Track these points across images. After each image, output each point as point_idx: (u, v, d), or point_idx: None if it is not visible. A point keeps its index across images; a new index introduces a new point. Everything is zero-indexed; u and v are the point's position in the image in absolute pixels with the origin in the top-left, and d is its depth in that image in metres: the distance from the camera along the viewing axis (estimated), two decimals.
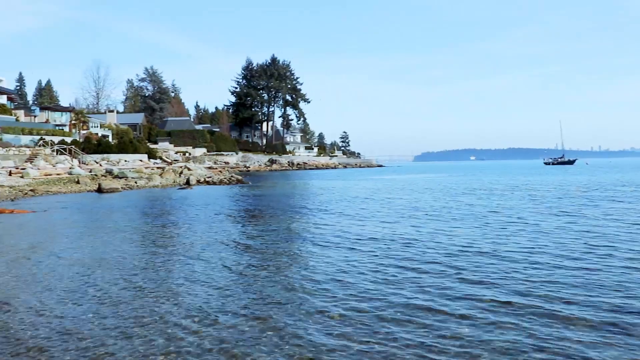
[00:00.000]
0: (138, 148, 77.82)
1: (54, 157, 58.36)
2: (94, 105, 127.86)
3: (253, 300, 9.34)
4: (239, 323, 7.99)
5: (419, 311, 8.45)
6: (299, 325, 7.86)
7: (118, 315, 8.47)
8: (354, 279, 10.68)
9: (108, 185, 39.49)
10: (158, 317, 8.33)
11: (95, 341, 7.26)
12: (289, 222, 20.84)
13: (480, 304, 8.79)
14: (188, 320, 8.17)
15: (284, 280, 10.77)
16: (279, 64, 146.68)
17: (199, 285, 10.39)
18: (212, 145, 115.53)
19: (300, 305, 8.93)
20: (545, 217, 21.15)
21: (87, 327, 7.87)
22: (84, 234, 17.88)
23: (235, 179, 52.66)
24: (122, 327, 7.88)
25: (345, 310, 8.57)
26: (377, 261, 12.49)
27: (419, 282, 10.34)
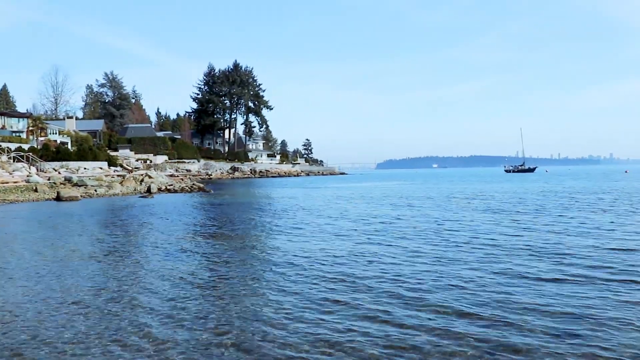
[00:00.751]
0: (98, 155, 76.80)
1: (10, 165, 57.19)
2: (52, 112, 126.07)
3: (208, 311, 9.19)
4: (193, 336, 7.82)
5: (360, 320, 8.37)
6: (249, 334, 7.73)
7: (65, 329, 8.24)
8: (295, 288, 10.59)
9: (67, 194, 38.84)
10: (107, 330, 8.13)
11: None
12: (247, 232, 20.83)
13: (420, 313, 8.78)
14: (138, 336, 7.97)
15: (238, 289, 10.64)
16: (241, 70, 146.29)
17: (153, 297, 10.20)
18: (174, 152, 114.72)
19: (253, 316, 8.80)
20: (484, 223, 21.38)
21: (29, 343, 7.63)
22: (40, 244, 17.48)
23: (197, 187, 52.32)
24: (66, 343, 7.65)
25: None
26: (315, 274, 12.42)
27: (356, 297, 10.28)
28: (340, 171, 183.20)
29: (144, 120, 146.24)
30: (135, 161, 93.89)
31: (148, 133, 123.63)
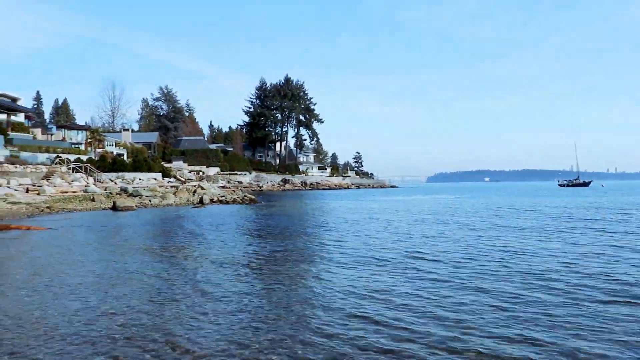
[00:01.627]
0: (152, 167, 78.45)
1: (70, 175, 58.98)
2: (109, 124, 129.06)
3: (261, 320, 9.62)
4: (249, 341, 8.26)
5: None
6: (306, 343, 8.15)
7: (123, 333, 8.78)
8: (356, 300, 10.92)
9: (123, 204, 39.92)
10: (169, 335, 8.64)
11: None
12: (298, 242, 21.08)
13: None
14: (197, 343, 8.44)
15: (290, 300, 11.05)
16: (292, 84, 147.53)
17: (206, 304, 10.68)
18: (226, 164, 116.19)
19: (306, 326, 9.21)
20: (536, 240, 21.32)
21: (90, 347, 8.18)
22: (97, 251, 18.19)
23: (248, 199, 52.99)
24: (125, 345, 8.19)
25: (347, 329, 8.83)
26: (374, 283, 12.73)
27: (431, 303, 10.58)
28: (390, 184, 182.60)
29: (197, 133, 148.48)
30: (188, 173, 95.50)
31: (201, 145, 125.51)
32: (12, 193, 42.24)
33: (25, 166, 57.55)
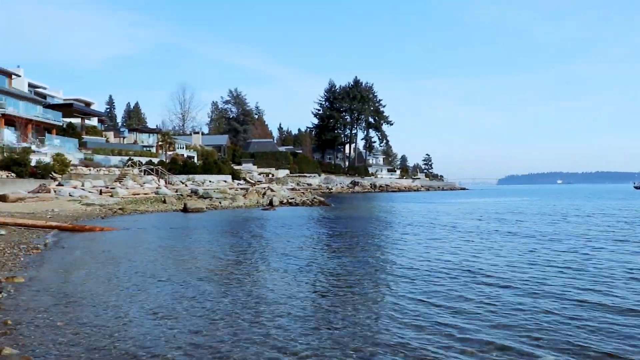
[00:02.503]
0: (222, 169, 79.19)
1: (141, 177, 59.91)
2: (179, 127, 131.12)
3: (331, 325, 9.03)
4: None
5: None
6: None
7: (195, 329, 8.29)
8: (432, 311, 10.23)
9: (193, 205, 40.02)
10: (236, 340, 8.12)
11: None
12: (369, 246, 20.55)
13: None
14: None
15: (360, 306, 10.43)
16: (361, 86, 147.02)
17: (277, 306, 10.15)
18: (295, 166, 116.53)
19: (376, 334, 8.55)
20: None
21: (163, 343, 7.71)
22: (170, 252, 18.00)
23: (317, 201, 52.60)
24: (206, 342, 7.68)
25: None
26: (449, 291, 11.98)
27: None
28: (460, 186, 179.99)
29: (266, 136, 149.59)
30: (258, 175, 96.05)
31: (270, 148, 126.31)
32: (87, 195, 42.94)
33: (99, 169, 58.71)
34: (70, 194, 42.27)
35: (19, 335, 8.18)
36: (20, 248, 17.62)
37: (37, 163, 48.82)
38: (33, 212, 30.47)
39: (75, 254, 17.32)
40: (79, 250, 18.18)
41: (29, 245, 18.53)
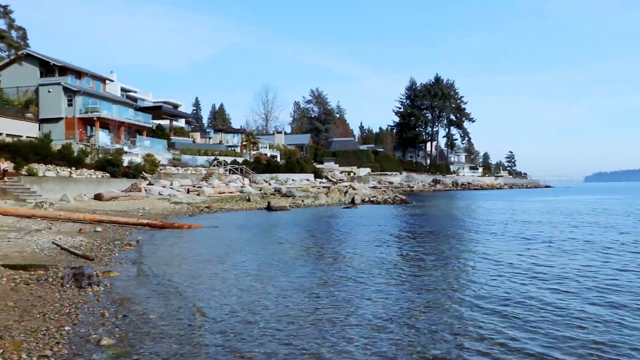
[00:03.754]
0: (305, 168, 79.88)
1: (226, 176, 61.22)
2: (263, 127, 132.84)
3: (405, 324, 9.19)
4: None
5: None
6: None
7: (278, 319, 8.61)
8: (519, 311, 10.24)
9: (277, 204, 40.65)
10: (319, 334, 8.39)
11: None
12: (451, 246, 20.42)
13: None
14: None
15: (445, 305, 10.55)
16: (442, 83, 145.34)
17: (363, 300, 10.38)
18: (376, 165, 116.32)
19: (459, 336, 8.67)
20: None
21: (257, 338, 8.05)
22: (255, 247, 18.48)
23: (399, 199, 52.42)
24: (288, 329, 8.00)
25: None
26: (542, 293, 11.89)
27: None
28: (545, 184, 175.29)
29: (347, 134, 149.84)
30: (340, 173, 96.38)
31: (352, 146, 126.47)
32: (175, 194, 44.28)
33: (186, 168, 60.36)
34: (160, 193, 43.69)
35: (115, 327, 8.62)
36: (115, 244, 18.47)
37: (129, 163, 50.63)
38: (125, 210, 31.72)
39: (166, 250, 18.00)
40: (169, 247, 18.86)
41: (123, 241, 19.38)
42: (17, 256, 14.30)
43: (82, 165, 45.94)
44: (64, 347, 7.45)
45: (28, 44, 37.00)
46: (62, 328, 8.30)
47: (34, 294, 10.35)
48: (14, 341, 7.44)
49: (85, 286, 11.19)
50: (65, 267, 13.02)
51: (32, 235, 18.34)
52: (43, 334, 7.93)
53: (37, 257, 14.60)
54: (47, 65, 56.55)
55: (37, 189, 35.64)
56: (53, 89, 54.75)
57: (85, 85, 58.94)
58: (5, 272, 11.89)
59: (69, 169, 44.12)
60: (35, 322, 8.51)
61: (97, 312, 9.48)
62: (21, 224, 21.69)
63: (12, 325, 8.21)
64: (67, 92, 54.95)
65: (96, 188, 40.75)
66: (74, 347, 7.53)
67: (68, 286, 11.13)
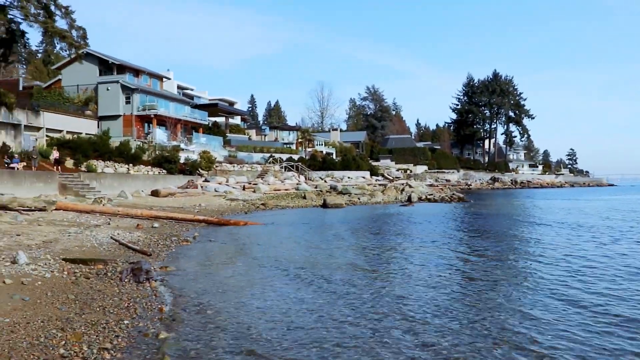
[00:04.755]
0: (361, 165, 79.71)
1: (282, 174, 61.49)
2: (318, 124, 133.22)
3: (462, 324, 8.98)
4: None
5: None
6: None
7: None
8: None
9: (332, 201, 40.58)
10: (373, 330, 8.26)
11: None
12: (511, 246, 19.96)
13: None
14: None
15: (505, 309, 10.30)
16: (501, 80, 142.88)
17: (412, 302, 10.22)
18: (433, 162, 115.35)
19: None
20: None
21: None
22: (314, 246, 18.45)
23: (456, 197, 51.77)
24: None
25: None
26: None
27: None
28: (608, 182, 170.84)
29: (404, 131, 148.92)
30: (396, 171, 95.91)
31: (408, 144, 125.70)
32: (231, 190, 44.66)
33: (242, 165, 60.90)
34: (216, 190, 44.16)
35: (172, 321, 8.74)
36: (172, 240, 18.69)
37: (186, 160, 51.36)
38: (182, 207, 32.12)
39: (222, 247, 18.12)
40: (225, 243, 18.99)
41: (180, 237, 19.60)
42: (78, 250, 14.56)
43: (139, 161, 46.83)
44: (123, 340, 7.55)
45: (88, 43, 37.68)
46: (121, 322, 8.43)
47: (94, 287, 10.52)
48: (75, 333, 7.56)
49: (143, 281, 11.32)
50: (123, 262, 13.23)
51: (91, 230, 18.68)
52: (103, 327, 8.06)
53: (97, 251, 14.85)
54: (106, 64, 57.74)
55: (96, 185, 36.44)
56: (111, 87, 55.86)
57: (143, 83, 60.00)
58: (66, 266, 12.12)
59: (126, 165, 45.02)
60: (96, 315, 8.65)
61: (155, 306, 9.59)
62: (81, 219, 22.15)
63: (74, 317, 8.35)
64: (125, 90, 56.00)
65: (153, 184, 41.45)
66: (133, 341, 7.63)
67: (126, 281, 11.28)
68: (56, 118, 46.55)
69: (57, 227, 18.93)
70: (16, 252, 12.26)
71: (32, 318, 8.08)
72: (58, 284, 10.43)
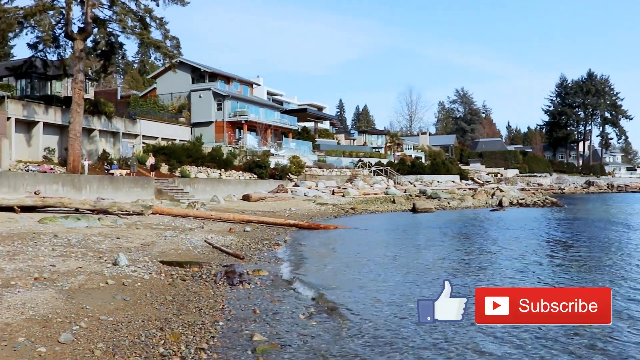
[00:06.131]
0: (450, 169, 78.90)
1: (371, 178, 61.61)
2: (407, 128, 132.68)
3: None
4: None
5: None
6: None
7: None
8: None
9: (422, 206, 40.25)
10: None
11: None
12: (607, 255, 18.96)
13: None
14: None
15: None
16: (596, 79, 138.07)
17: None
18: (524, 166, 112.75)
19: None
20: None
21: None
22: (405, 251, 18.37)
23: (549, 201, 50.33)
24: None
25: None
26: None
27: None
28: None
29: (494, 135, 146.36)
30: (486, 175, 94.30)
31: (498, 147, 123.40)
32: (320, 195, 45.04)
33: (331, 170, 61.27)
34: (305, 194, 44.62)
35: (266, 324, 8.87)
36: (264, 244, 19.03)
37: (276, 165, 52.11)
38: (272, 211, 32.61)
39: (313, 250, 18.31)
40: (316, 247, 19.18)
41: (271, 241, 19.93)
42: (174, 253, 15.04)
43: (230, 167, 47.92)
44: (218, 341, 7.76)
45: (181, 52, 38.86)
46: (216, 323, 8.65)
47: (190, 289, 10.84)
48: (173, 333, 7.83)
49: (237, 284, 11.59)
50: (217, 265, 13.56)
51: (186, 233, 19.23)
52: (199, 327, 8.29)
53: (191, 254, 15.29)
54: (198, 72, 59.37)
55: (190, 189, 37.52)
56: (204, 94, 57.33)
57: (234, 90, 61.29)
58: (163, 268, 12.55)
59: (218, 170, 46.14)
60: (192, 316, 8.92)
61: (249, 308, 9.78)
62: (176, 223, 22.83)
63: (171, 318, 8.64)
64: (217, 96, 57.34)
65: (244, 189, 42.27)
66: (228, 342, 7.82)
67: (221, 283, 11.58)
68: (151, 125, 48.19)
69: (154, 230, 19.60)
70: (117, 254, 12.79)
71: (133, 317, 8.42)
72: (156, 286, 10.81)
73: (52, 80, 44.84)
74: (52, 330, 7.33)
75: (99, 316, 8.24)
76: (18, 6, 33.56)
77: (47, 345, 6.75)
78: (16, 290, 9.07)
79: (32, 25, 34.09)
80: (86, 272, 11.04)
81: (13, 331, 7.09)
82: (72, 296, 9.15)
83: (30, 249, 13.19)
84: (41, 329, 7.30)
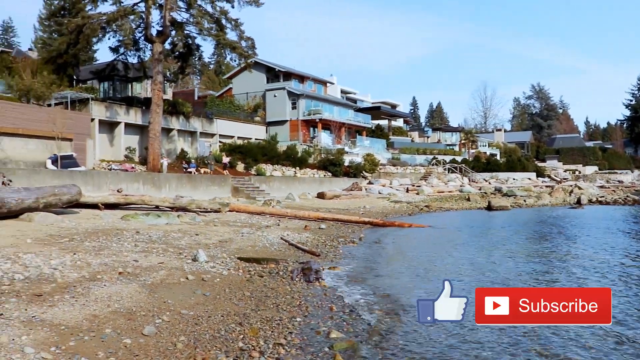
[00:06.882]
0: (526, 166, 77.44)
1: (445, 175, 61.04)
2: (481, 125, 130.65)
3: None
4: None
5: None
6: None
7: None
8: None
9: (497, 203, 39.62)
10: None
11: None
12: None
13: None
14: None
15: None
16: None
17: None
18: (604, 162, 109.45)
19: None
20: None
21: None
22: (483, 250, 18.04)
23: (631, 199, 48.75)
24: None
25: None
26: None
27: None
28: None
29: (572, 130, 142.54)
30: (563, 172, 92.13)
31: (576, 143, 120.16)
32: (394, 193, 44.95)
33: (405, 167, 61.10)
34: (379, 192, 44.58)
35: (343, 321, 8.89)
36: (339, 241, 19.11)
37: (350, 163, 52.24)
38: (347, 209, 32.71)
39: (388, 247, 18.29)
40: (391, 245, 19.14)
41: (346, 238, 20.00)
42: (251, 250, 15.26)
43: (305, 165, 48.28)
44: (296, 337, 7.82)
45: (256, 52, 39.36)
46: (293, 319, 8.74)
47: (267, 285, 10.98)
48: (252, 328, 7.97)
49: (313, 280, 11.68)
50: (293, 262, 13.69)
51: (262, 230, 19.48)
52: (277, 323, 8.39)
53: (268, 251, 15.48)
54: (272, 72, 60.09)
55: (265, 187, 38.00)
56: (278, 94, 57.90)
57: (308, 89, 61.71)
58: (241, 265, 12.76)
59: (293, 168, 46.56)
60: (270, 312, 9.04)
61: (325, 305, 9.84)
62: (252, 220, 23.16)
63: (250, 313, 8.79)
64: (291, 95, 57.82)
65: (319, 187, 42.52)
66: (305, 338, 7.88)
67: (297, 279, 11.69)
68: (228, 125, 49.00)
69: (231, 227, 19.93)
70: (196, 250, 13.07)
71: (212, 312, 8.61)
72: (234, 281, 11.00)
73: (133, 82, 46.17)
74: (136, 322, 7.58)
75: (180, 310, 8.46)
76: (101, 12, 34.71)
77: (131, 337, 6.98)
78: (102, 284, 9.40)
79: (114, 29, 35.24)
80: (167, 267, 11.34)
81: (100, 323, 7.36)
82: (154, 290, 9.42)
83: (114, 244, 13.62)
84: (126, 322, 7.56)
